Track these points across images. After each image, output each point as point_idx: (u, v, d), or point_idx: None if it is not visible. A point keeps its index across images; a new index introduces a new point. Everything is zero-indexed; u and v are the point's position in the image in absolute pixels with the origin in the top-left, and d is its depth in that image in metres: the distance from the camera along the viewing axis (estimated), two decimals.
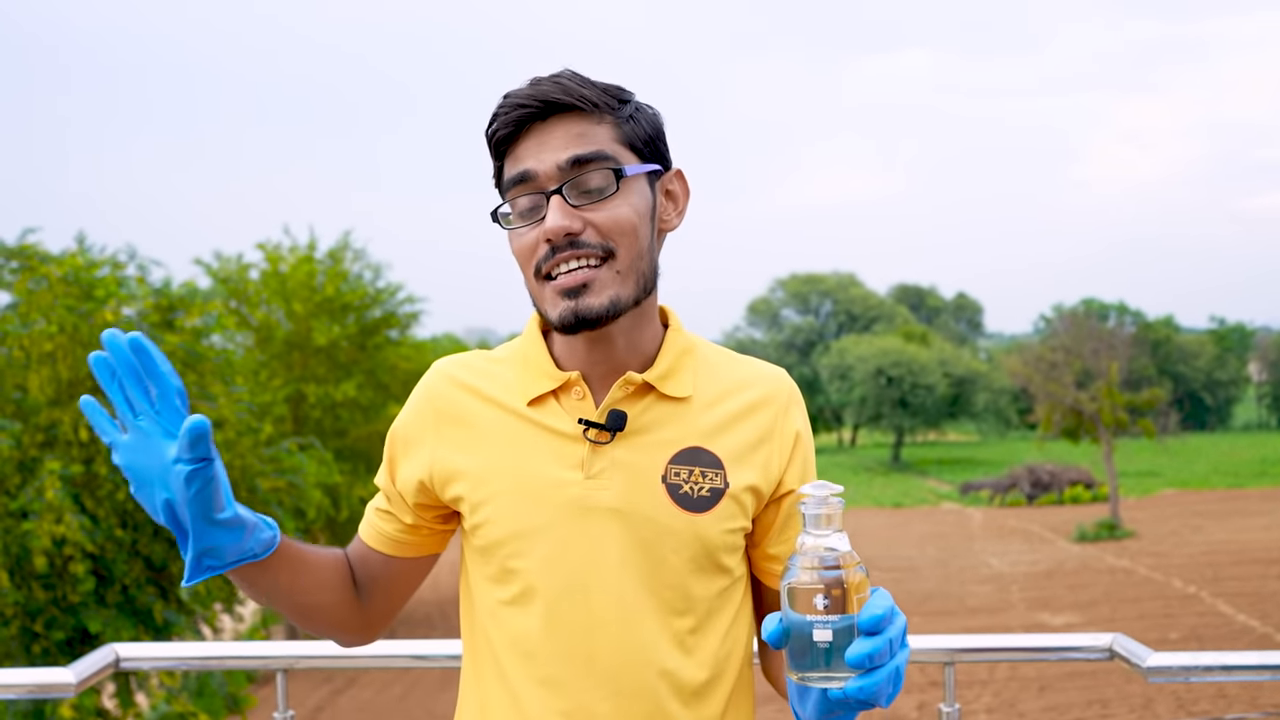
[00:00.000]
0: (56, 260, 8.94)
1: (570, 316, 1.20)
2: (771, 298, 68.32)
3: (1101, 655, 2.05)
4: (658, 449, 1.25)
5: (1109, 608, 17.59)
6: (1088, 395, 29.11)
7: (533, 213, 1.22)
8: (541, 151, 1.20)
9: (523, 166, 1.21)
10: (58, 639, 7.94)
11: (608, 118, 1.22)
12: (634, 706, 1.22)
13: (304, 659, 2.06)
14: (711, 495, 1.24)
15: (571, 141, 1.20)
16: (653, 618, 1.23)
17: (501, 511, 1.26)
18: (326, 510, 13.94)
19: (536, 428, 1.27)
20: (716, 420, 1.27)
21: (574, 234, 1.19)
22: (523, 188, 1.22)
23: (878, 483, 44.99)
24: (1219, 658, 1.96)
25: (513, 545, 1.25)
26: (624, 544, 1.23)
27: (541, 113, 1.20)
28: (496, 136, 1.24)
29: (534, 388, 1.28)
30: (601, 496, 1.23)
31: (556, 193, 1.19)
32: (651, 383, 1.26)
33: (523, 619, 1.25)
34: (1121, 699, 12.78)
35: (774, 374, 1.34)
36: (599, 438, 1.24)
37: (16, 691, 1.86)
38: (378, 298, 17.59)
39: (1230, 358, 68.45)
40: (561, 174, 1.20)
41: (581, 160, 1.20)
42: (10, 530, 7.75)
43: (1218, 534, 25.61)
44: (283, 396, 15.98)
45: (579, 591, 1.23)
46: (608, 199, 1.20)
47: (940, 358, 55.73)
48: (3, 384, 8.45)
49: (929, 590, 20.07)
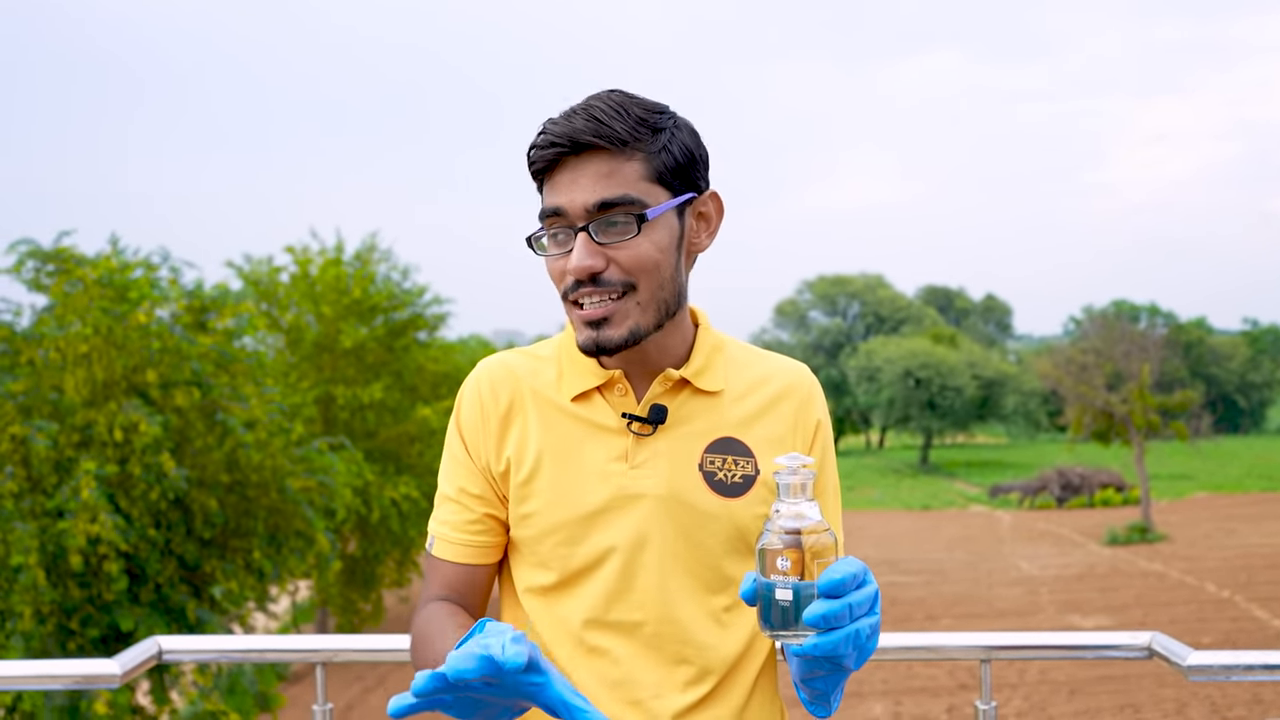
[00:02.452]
0: (91, 263, 9.05)
1: (591, 345, 1.30)
2: (799, 299, 68.11)
3: (1140, 654, 2.04)
4: (694, 439, 1.35)
5: (1141, 611, 17.41)
6: (1119, 397, 28.84)
7: (563, 243, 1.30)
8: (573, 190, 1.27)
9: (554, 203, 1.29)
10: (93, 636, 8.04)
11: (638, 154, 1.28)
12: (674, 676, 1.32)
13: (342, 652, 2.08)
14: (744, 481, 1.35)
15: (599, 183, 1.26)
16: (692, 596, 1.33)
17: (552, 501, 1.34)
18: (357, 510, 14.03)
19: (582, 422, 1.36)
20: (746, 412, 1.38)
21: (597, 272, 1.28)
22: (554, 220, 1.30)
23: (906, 485, 44.75)
24: (1261, 657, 1.94)
25: (564, 532, 1.34)
26: (665, 528, 1.33)
27: (573, 150, 1.27)
28: (534, 169, 1.32)
29: (578, 384, 1.37)
30: (645, 484, 1.33)
31: (583, 230, 1.27)
32: (688, 378, 1.36)
33: (570, 600, 1.35)
34: (1154, 703, 12.65)
35: (795, 368, 1.44)
36: (642, 430, 1.34)
37: (63, 682, 1.90)
38: (405, 299, 17.67)
39: (1264, 360, 67.62)
40: (588, 214, 1.27)
41: (607, 204, 1.26)
42: (46, 529, 7.85)
43: (1252, 537, 25.30)
44: (312, 398, 16.10)
45: (624, 572, 1.32)
46: (630, 240, 1.27)
47: (969, 359, 55.37)
48: (40, 385, 8.56)
49: (958, 593, 19.94)
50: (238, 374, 9.50)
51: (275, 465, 9.20)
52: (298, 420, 11.49)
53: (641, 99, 1.31)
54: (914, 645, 2.12)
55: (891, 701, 13.28)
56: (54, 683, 1.92)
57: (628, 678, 1.32)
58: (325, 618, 17.53)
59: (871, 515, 33.23)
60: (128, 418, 8.14)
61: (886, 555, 24.50)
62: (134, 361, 8.66)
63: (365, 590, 16.59)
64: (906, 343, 56.26)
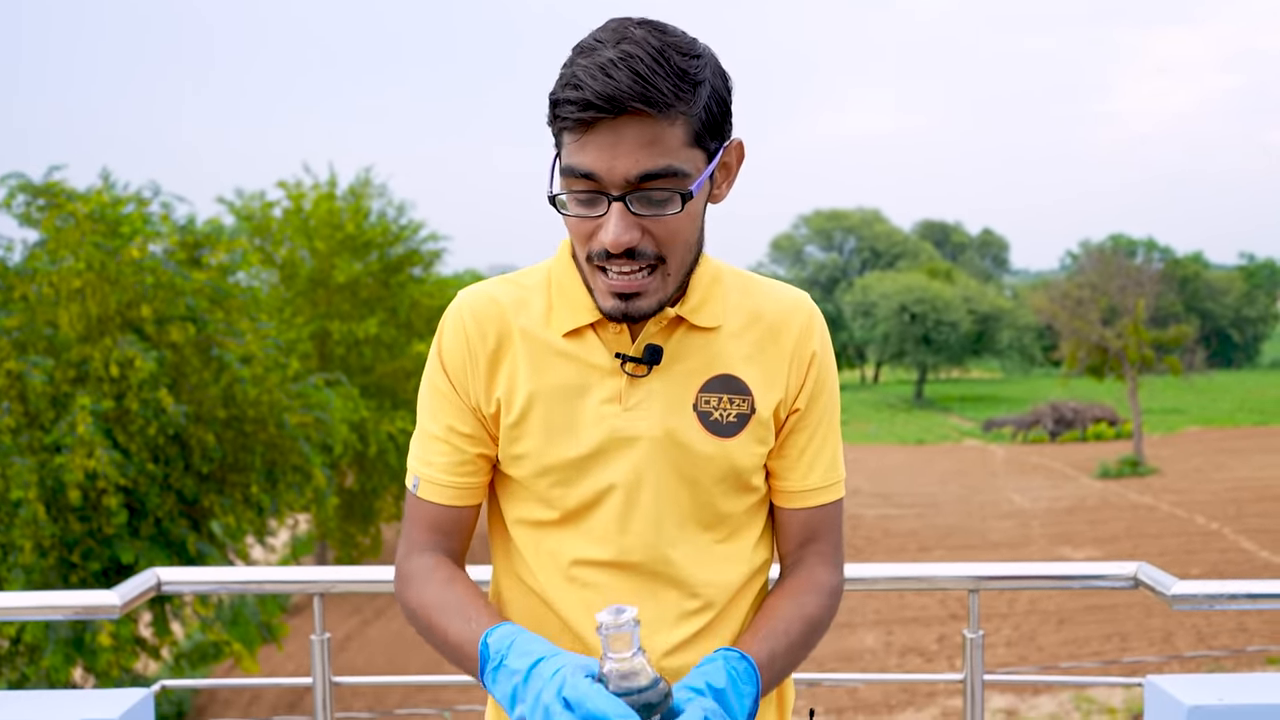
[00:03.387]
0: (82, 197, 8.98)
1: (619, 315, 1.23)
2: (795, 234, 67.82)
3: (1126, 584, 2.07)
4: (689, 378, 1.30)
5: (1130, 543, 17.64)
6: (1114, 332, 28.90)
7: (591, 205, 1.19)
8: (612, 158, 1.16)
9: (588, 166, 1.17)
10: (94, 569, 8.12)
11: (680, 117, 1.17)
12: (668, 612, 1.31)
13: (340, 583, 2.11)
14: (739, 420, 1.30)
15: (641, 152, 1.15)
16: (686, 534, 1.31)
17: (545, 443, 1.30)
18: (354, 445, 14.10)
19: (574, 361, 1.30)
20: (743, 347, 1.32)
21: (632, 246, 1.19)
22: (583, 183, 1.18)
23: (900, 419, 45.01)
24: (1244, 586, 1.97)
25: (556, 474, 1.30)
26: (660, 469, 1.29)
27: (613, 113, 1.14)
28: (563, 124, 1.17)
29: (570, 319, 1.30)
30: (639, 426, 1.29)
31: (620, 200, 1.17)
32: (683, 315, 1.29)
33: (565, 537, 1.32)
34: (1141, 633, 12.87)
35: (794, 299, 1.37)
36: (636, 371, 1.29)
37: (64, 613, 1.93)
38: (400, 235, 17.59)
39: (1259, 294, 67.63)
40: (627, 185, 1.16)
41: (651, 175, 1.16)
42: (45, 464, 7.89)
43: (1242, 471, 25.55)
44: (308, 333, 16.09)
45: (621, 512, 1.29)
46: (671, 215, 1.19)
47: (965, 294, 55.33)
48: (34, 320, 8.54)
49: (951, 525, 20.17)
50: (232, 310, 9.48)
51: (272, 401, 9.22)
52: (293, 356, 11.49)
53: (675, 37, 1.18)
54: (903, 575, 2.15)
55: (883, 631, 13.50)
56: (55, 613, 1.94)
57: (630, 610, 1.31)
58: (324, 551, 17.71)
59: (866, 449, 33.47)
60: (123, 353, 8.14)
61: (880, 489, 24.73)
62: (128, 297, 8.63)
63: (363, 524, 16.75)
64: (902, 278, 56.16)
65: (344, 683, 2.16)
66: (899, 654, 12.66)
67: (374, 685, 2.24)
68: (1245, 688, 1.85)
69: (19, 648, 8.07)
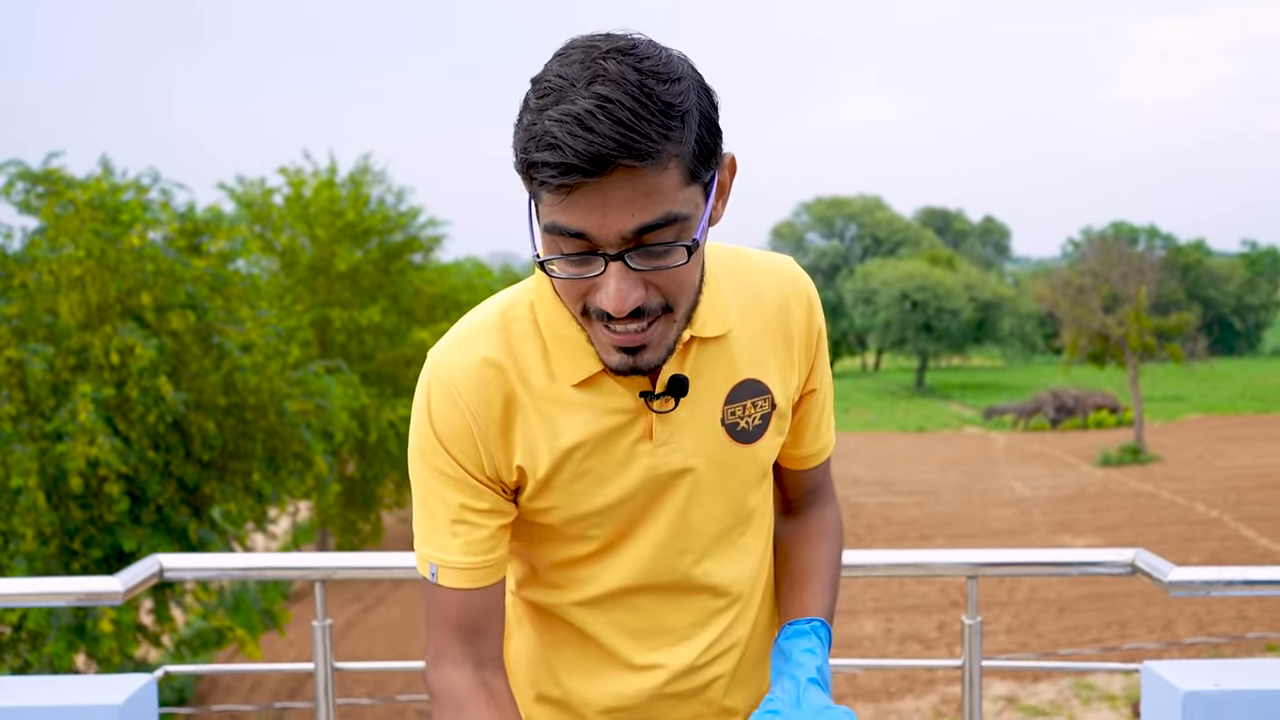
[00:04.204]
0: (81, 185, 8.97)
1: (626, 369, 1.14)
2: (796, 221, 67.75)
3: (1123, 570, 2.07)
4: (713, 396, 1.24)
5: (1131, 531, 17.66)
6: (1115, 320, 28.89)
7: (584, 265, 1.08)
8: (603, 216, 1.04)
9: (576, 226, 1.04)
10: (95, 556, 8.14)
11: (672, 159, 1.04)
12: (700, 616, 1.32)
13: (341, 569, 2.12)
14: (763, 421, 1.28)
15: (636, 205, 1.04)
16: (720, 542, 1.31)
17: (577, 495, 1.23)
18: (354, 433, 14.12)
19: (593, 410, 1.21)
20: (753, 344, 1.27)
21: (638, 305, 1.08)
22: (575, 243, 1.06)
23: (901, 407, 45.03)
24: (1240, 573, 1.97)
25: (591, 520, 1.24)
26: (698, 493, 1.26)
27: (599, 174, 1.02)
28: (543, 187, 1.04)
29: (577, 370, 1.19)
30: (674, 459, 1.23)
31: (618, 259, 1.06)
32: (694, 334, 1.21)
33: (596, 569, 1.29)
34: (1141, 620, 12.90)
35: (786, 270, 1.31)
36: (664, 406, 1.21)
37: (67, 599, 1.94)
38: (399, 222, 17.57)
39: (1261, 282, 67.57)
40: (624, 241, 1.05)
41: (650, 228, 1.05)
42: (46, 452, 7.90)
43: (1242, 458, 25.56)
44: (308, 321, 16.09)
45: (658, 542, 1.27)
46: (674, 267, 1.09)
47: (966, 282, 55.29)
48: (34, 308, 8.55)
49: (951, 513, 20.20)
50: (232, 297, 9.48)
51: (272, 388, 9.23)
52: (294, 344, 11.49)
53: (650, 60, 1.05)
54: (902, 562, 2.16)
55: (883, 618, 13.53)
56: (58, 600, 1.96)
57: (657, 627, 1.30)
58: (325, 538, 17.75)
59: (866, 437, 33.49)
60: (123, 341, 8.14)
61: (881, 476, 24.75)
62: (128, 284, 8.63)
63: (364, 511, 16.78)
64: (903, 265, 56.12)
65: (346, 668, 2.17)
66: (899, 641, 12.70)
67: (375, 671, 2.25)
68: (1241, 673, 1.86)
69: (21, 634, 8.09)
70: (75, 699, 1.82)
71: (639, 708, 1.32)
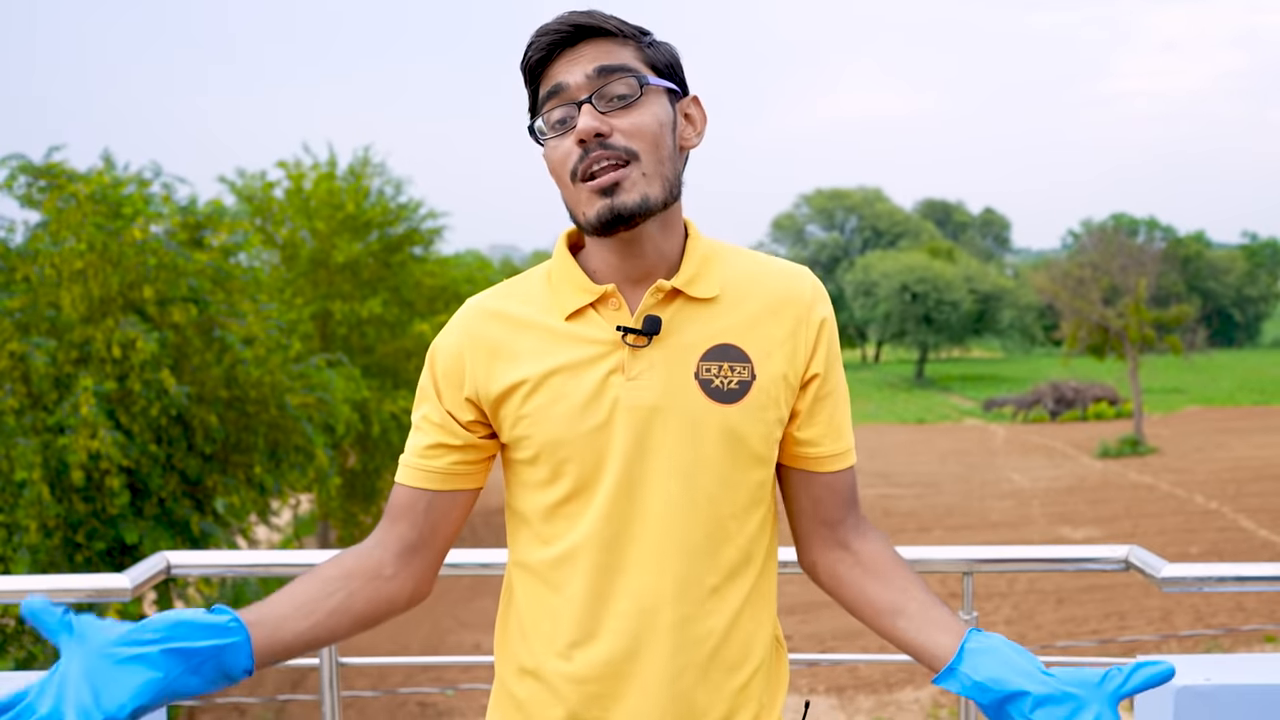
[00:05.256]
0: (83, 178, 8.98)
1: (607, 213, 1.29)
2: (796, 213, 67.69)
3: (1118, 566, 2.10)
4: (689, 348, 1.35)
5: (1130, 523, 17.70)
6: (1115, 312, 28.91)
7: (565, 123, 1.32)
8: (572, 67, 1.31)
9: (555, 81, 1.31)
10: (99, 549, 8.18)
11: (631, 42, 1.33)
12: (678, 589, 1.34)
13: None
14: (740, 387, 1.35)
15: (599, 56, 1.31)
16: (694, 505, 1.35)
17: (551, 420, 1.34)
18: (356, 426, 14.15)
19: (577, 340, 1.35)
20: (743, 317, 1.37)
21: (603, 135, 1.29)
22: (555, 100, 1.32)
23: (901, 399, 45.06)
24: (1234, 569, 2.00)
25: (565, 449, 1.34)
26: (666, 438, 1.34)
27: (571, 37, 1.31)
28: (531, 61, 1.34)
29: (571, 302, 1.37)
30: (643, 396, 1.34)
31: (586, 102, 1.30)
32: (679, 287, 1.35)
33: (574, 517, 1.36)
34: (1139, 612, 12.94)
35: (795, 272, 1.43)
36: (637, 342, 1.34)
37: (77, 596, 1.97)
38: (400, 214, 17.57)
39: (1261, 274, 67.60)
40: (590, 83, 1.30)
41: (608, 70, 1.30)
42: (48, 445, 7.93)
43: (1241, 450, 25.60)
44: (309, 314, 16.10)
45: (628, 485, 1.34)
46: (632, 105, 1.31)
47: (966, 274, 55.30)
48: (36, 302, 8.56)
49: (950, 505, 20.24)
50: (234, 291, 9.50)
51: (274, 382, 9.25)
52: (295, 337, 11.50)
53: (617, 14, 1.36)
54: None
55: None
56: (68, 597, 1.98)
57: (627, 591, 1.34)
58: (326, 531, 17.79)
59: (866, 428, 33.52)
60: (125, 334, 8.17)
61: (880, 468, 24.79)
62: (130, 278, 8.65)
63: (365, 503, 16.81)
64: (904, 257, 56.12)
65: (351, 663, 2.19)
66: None
67: (379, 665, 2.28)
68: (1233, 668, 1.89)
69: (25, 627, 8.13)
70: None
71: (605, 679, 1.34)
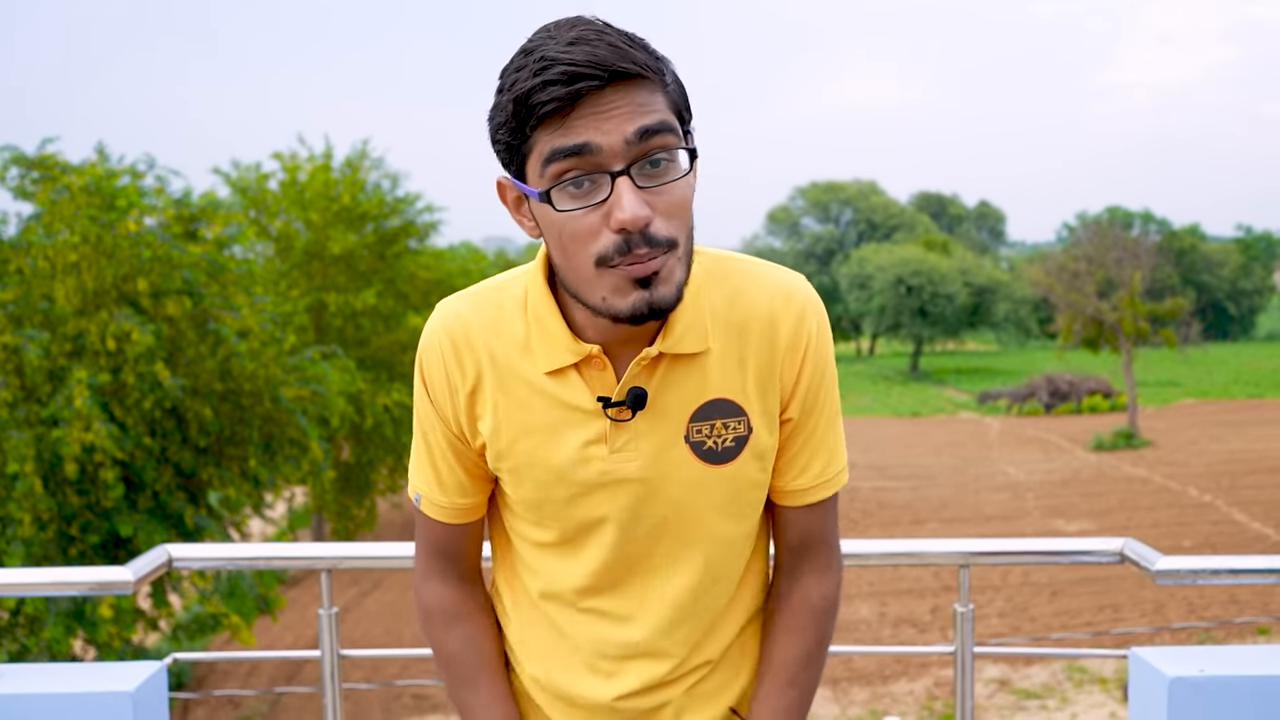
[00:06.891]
0: (77, 170, 8.96)
1: (644, 308, 1.11)
2: (791, 206, 67.66)
3: (1112, 559, 2.11)
4: (677, 411, 1.23)
5: (1124, 515, 17.75)
6: (1109, 305, 28.93)
7: (589, 192, 1.08)
8: (605, 121, 1.05)
9: (580, 139, 1.05)
10: (93, 542, 8.16)
11: (658, 84, 1.09)
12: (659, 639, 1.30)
13: (346, 559, 2.16)
14: (736, 444, 1.24)
15: (636, 111, 1.06)
16: (685, 561, 1.29)
17: (530, 481, 1.26)
18: (351, 418, 14.14)
19: (557, 403, 1.23)
20: (733, 362, 1.23)
21: (650, 221, 1.08)
22: (576, 161, 1.06)
23: (895, 392, 45.11)
24: (1227, 561, 2.01)
25: (546, 509, 1.27)
26: (657, 507, 1.25)
27: (603, 81, 1.04)
28: (545, 108, 1.05)
29: (552, 359, 1.22)
30: (628, 469, 1.23)
31: (624, 174, 1.06)
32: (665, 351, 1.21)
33: (566, 563, 1.30)
34: (1133, 604, 12.98)
35: (786, 286, 1.26)
36: (620, 415, 1.21)
37: (80, 589, 1.98)
38: (396, 207, 17.55)
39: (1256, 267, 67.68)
40: (629, 149, 1.06)
41: (649, 132, 1.06)
42: (42, 437, 7.92)
43: (1236, 443, 25.66)
44: (304, 306, 16.08)
45: (617, 544, 1.27)
46: (676, 181, 1.09)
47: (961, 267, 55.33)
48: (29, 294, 8.54)
49: (945, 498, 20.28)
50: (228, 283, 9.48)
51: (268, 375, 9.24)
52: (289, 329, 11.49)
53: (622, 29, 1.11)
54: (896, 551, 2.21)
55: (877, 603, 13.61)
56: (71, 589, 2.00)
57: (630, 639, 1.30)
58: (320, 523, 17.79)
59: (861, 421, 33.56)
60: (119, 327, 8.15)
61: (875, 461, 24.83)
62: (124, 270, 8.64)
63: (359, 496, 16.81)
64: (899, 250, 56.12)
65: (352, 655, 2.20)
66: (893, 625, 12.78)
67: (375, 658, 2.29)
68: (1226, 659, 1.90)
69: (19, 619, 8.13)
70: (87, 686, 1.85)
71: (595, 711, 1.33)
